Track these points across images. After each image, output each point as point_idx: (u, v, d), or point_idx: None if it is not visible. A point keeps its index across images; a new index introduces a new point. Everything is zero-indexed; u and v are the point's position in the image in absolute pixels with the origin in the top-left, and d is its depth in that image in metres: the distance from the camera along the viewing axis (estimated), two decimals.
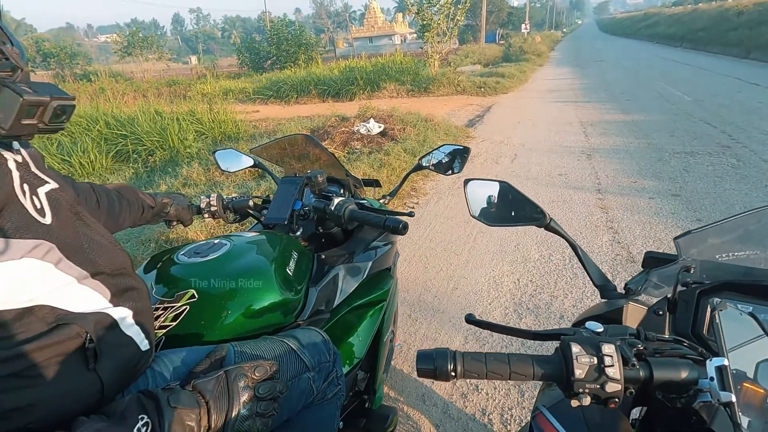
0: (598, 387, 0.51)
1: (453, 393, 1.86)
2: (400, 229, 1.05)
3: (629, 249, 2.94)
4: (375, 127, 6.25)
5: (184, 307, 0.84)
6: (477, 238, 3.25)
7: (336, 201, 1.17)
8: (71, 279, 0.60)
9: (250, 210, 1.34)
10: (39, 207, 0.59)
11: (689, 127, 6.13)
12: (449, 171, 1.52)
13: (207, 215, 1.30)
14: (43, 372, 0.54)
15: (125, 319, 0.65)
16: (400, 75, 12.64)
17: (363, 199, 1.45)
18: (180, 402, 0.59)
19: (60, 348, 0.55)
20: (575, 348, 0.53)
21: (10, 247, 0.53)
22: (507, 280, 2.68)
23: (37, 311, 0.55)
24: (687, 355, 0.56)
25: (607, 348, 0.52)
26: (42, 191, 0.62)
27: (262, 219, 1.31)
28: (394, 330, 2.02)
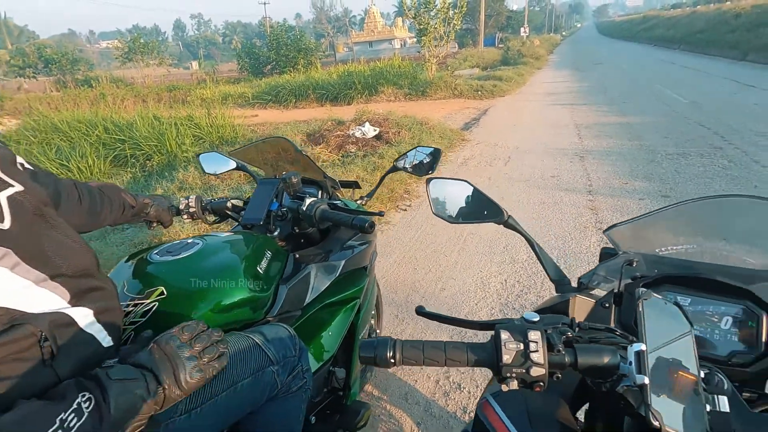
0: (523, 371, 0.54)
1: (435, 391, 1.89)
2: (366, 228, 1.08)
3: None
4: (370, 131, 6.30)
5: (153, 304, 0.87)
6: (467, 240, 3.28)
7: (308, 201, 1.20)
8: (28, 282, 0.61)
9: (228, 211, 1.36)
10: None
11: (683, 129, 6.16)
12: (427, 172, 1.50)
13: (186, 217, 1.33)
14: None
15: (85, 318, 0.68)
16: (397, 79, 12.70)
17: (338, 200, 1.48)
18: (121, 374, 0.62)
19: (14, 347, 0.57)
20: (504, 335, 0.56)
21: None
22: (494, 280, 2.71)
23: None
24: (617, 343, 0.59)
25: (533, 335, 0.55)
26: (3, 195, 0.63)
27: (240, 220, 1.34)
28: (378, 330, 2.05)
